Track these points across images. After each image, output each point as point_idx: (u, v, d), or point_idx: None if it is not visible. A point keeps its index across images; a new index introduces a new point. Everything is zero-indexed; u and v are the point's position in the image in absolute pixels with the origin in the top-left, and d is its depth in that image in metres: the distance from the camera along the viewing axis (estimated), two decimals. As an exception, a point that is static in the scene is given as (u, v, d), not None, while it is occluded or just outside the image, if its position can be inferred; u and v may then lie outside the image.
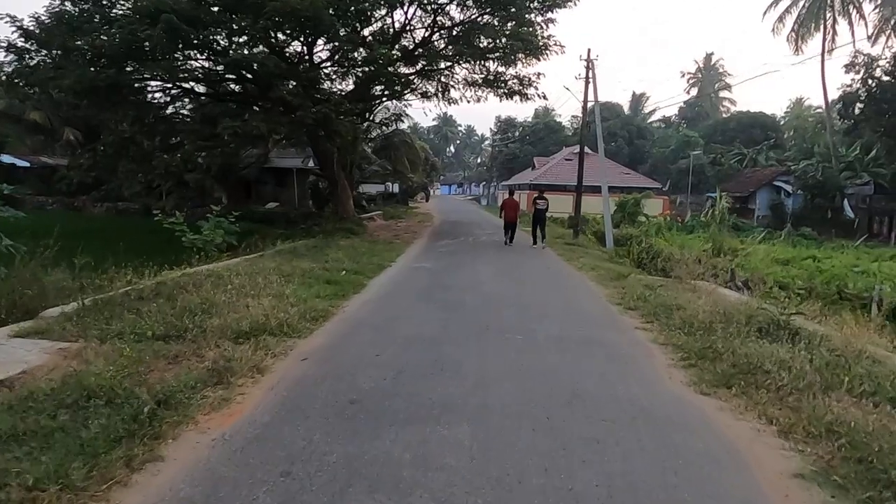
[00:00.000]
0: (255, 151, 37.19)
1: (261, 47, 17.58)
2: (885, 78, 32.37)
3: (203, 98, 20.09)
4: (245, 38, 15.32)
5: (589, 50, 20.09)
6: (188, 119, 18.21)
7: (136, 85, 15.20)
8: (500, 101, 21.75)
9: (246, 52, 15.29)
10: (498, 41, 18.93)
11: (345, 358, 5.62)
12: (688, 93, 74.06)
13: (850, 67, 44.94)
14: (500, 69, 19.71)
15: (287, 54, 19.03)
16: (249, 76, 18.45)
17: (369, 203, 40.40)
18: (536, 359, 5.76)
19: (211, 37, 14.88)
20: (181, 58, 15.44)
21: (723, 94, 75.55)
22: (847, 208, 35.80)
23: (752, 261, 16.75)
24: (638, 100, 76.97)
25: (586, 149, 48.99)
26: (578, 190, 21.28)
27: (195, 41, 14.57)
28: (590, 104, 20.74)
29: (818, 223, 35.08)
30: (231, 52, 15.26)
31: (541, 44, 18.86)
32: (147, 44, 14.69)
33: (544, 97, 20.44)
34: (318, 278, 10.02)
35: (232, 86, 21.06)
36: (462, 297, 9.12)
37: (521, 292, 9.73)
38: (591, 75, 19.85)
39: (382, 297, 9.07)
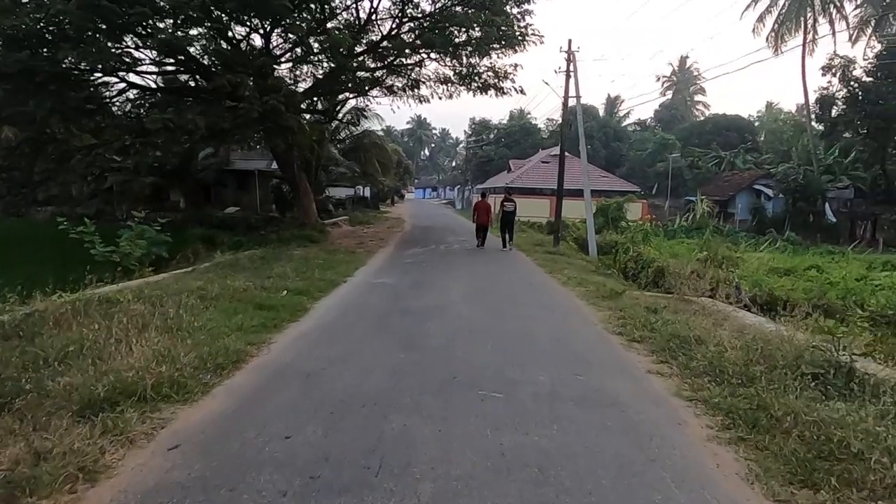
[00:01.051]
0: (213, 152, 35.17)
1: (201, 30, 15.64)
2: (867, 79, 31.55)
3: (149, 91, 17.98)
4: (181, 19, 13.28)
5: (570, 41, 18.53)
6: (119, 114, 16.01)
7: (54, 71, 13.00)
8: (474, 95, 20.04)
9: (180, 34, 13.22)
10: (471, 30, 17.22)
11: (237, 443, 3.75)
12: (663, 94, 73.67)
13: (826, 69, 44.74)
14: (474, 60, 17.97)
15: (242, 46, 17.10)
16: (195, 66, 16.48)
17: (337, 207, 38.36)
18: (523, 440, 3.94)
19: (141, 18, 12.81)
20: (106, 41, 13.31)
21: (697, 97, 75.38)
22: (829, 212, 35.01)
23: (747, 270, 15.29)
24: (613, 102, 76.28)
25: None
26: (559, 194, 19.67)
27: (120, 21, 12.49)
28: (571, 100, 19.09)
29: (800, 227, 34.18)
30: (164, 34, 13.20)
31: (517, 34, 17.21)
32: (68, 25, 12.65)
33: (522, 91, 18.82)
34: (249, 301, 8.13)
35: (184, 77, 18.99)
36: (426, 325, 7.30)
37: (500, 317, 7.94)
38: (572, 68, 18.28)
39: (325, 327, 7.21)
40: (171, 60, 15.15)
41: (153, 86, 17.00)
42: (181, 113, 13.31)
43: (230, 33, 15.43)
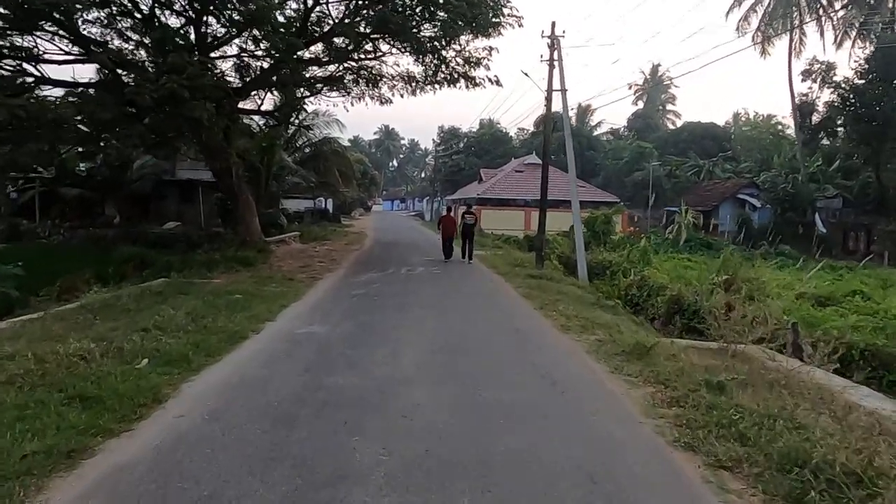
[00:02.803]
0: (152, 160, 31.53)
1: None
2: (858, 81, 29.70)
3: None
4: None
5: (553, 24, 15.68)
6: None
7: None
8: (440, 88, 17.13)
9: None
10: (436, 11, 14.27)
11: None
12: (634, 104, 72.16)
13: (806, 75, 43.29)
14: (439, 44, 15.00)
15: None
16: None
17: (294, 221, 34.82)
18: None
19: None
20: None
21: (668, 105, 74.11)
22: (818, 223, 33.05)
23: (774, 295, 12.54)
24: (584, 111, 74.50)
25: (536, 159, 45.19)
26: (543, 205, 16.72)
27: None
28: (556, 95, 16.26)
29: (790, 239, 32.09)
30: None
31: (490, 15, 14.33)
32: None
33: (497, 83, 15.86)
34: (69, 386, 4.90)
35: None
36: (348, 447, 4.13)
37: (481, 416, 4.77)
38: (556, 56, 15.45)
39: (171, 447, 4.00)
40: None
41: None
42: (36, 101, 9.91)
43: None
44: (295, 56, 16.57)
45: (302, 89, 23.91)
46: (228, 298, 9.84)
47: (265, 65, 18.60)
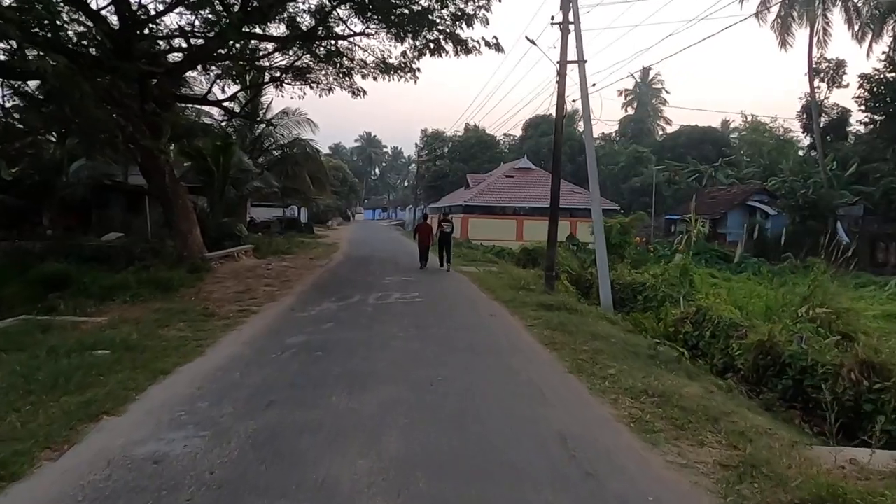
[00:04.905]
0: (88, 163, 27.54)
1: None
2: (890, 75, 26.67)
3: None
4: None
5: (568, -26, 12.09)
6: None
7: None
8: (421, 57, 13.64)
9: None
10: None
11: None
12: (625, 110, 69.38)
13: (815, 73, 40.48)
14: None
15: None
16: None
17: (258, 231, 30.80)
18: None
19: None
20: None
21: (659, 107, 71.44)
22: (841, 232, 29.91)
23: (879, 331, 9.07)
24: (571, 117, 71.59)
25: (528, 164, 41.80)
26: (553, 212, 13.00)
27: None
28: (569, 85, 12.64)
29: (811, 250, 28.88)
30: None
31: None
32: None
33: (497, 47, 12.25)
34: None
35: None
36: None
37: None
38: (571, 17, 11.86)
39: None
40: None
41: None
42: None
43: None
44: (241, 28, 13.14)
45: (258, 76, 20.33)
46: (84, 358, 6.08)
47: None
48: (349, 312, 9.60)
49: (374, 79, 16.93)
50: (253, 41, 16.38)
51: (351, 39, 16.73)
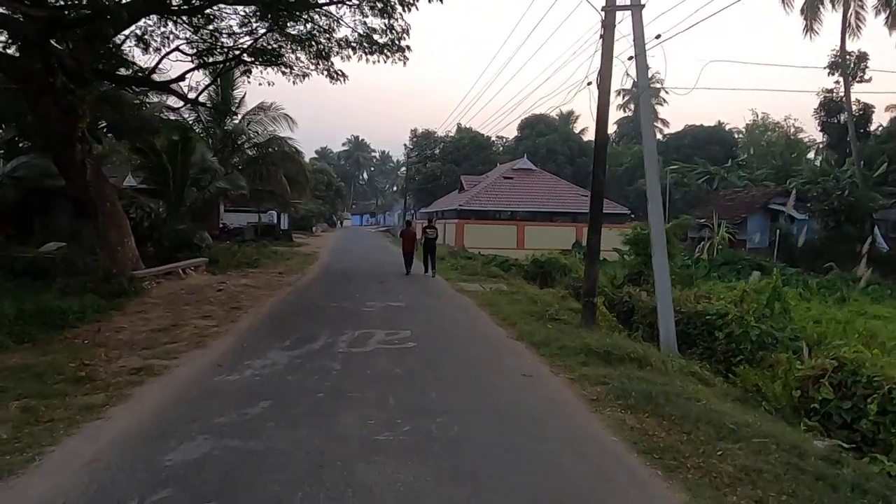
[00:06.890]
0: (28, 162, 23.86)
1: None
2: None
3: None
4: None
5: None
6: None
7: None
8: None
9: None
10: None
11: None
12: (622, 111, 66.54)
13: (833, 68, 37.67)
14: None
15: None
16: None
17: (229, 238, 27.20)
18: None
19: None
20: None
21: (657, 108, 68.60)
22: (879, 238, 26.94)
23: None
24: (566, 118, 68.68)
25: (528, 164, 38.48)
26: (597, 217, 9.47)
27: None
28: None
29: (845, 258, 25.87)
30: None
31: None
32: None
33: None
34: None
35: None
36: None
37: None
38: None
39: None
40: None
41: None
42: None
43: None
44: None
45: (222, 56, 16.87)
46: None
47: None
48: (303, 373, 6.15)
49: (359, 59, 13.83)
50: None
51: (326, 9, 13.59)
